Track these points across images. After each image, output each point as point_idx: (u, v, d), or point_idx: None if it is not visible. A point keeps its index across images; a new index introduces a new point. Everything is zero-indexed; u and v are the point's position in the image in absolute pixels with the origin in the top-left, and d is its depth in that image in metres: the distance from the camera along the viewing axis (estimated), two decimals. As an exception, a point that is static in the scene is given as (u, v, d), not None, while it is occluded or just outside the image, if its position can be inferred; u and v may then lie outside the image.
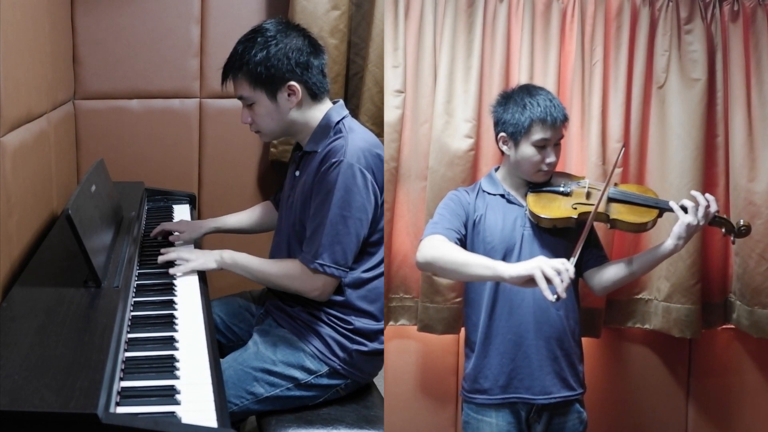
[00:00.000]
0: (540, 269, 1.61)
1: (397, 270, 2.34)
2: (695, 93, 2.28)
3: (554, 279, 1.60)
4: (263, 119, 2.00)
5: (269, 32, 1.95)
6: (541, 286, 1.60)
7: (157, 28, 2.83)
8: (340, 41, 2.77)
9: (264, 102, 1.96)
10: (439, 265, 1.81)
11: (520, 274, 1.64)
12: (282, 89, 1.94)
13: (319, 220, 1.90)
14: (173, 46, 2.85)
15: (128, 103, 2.86)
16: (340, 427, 1.91)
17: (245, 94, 1.97)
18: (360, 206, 1.90)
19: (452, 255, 1.79)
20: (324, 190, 1.89)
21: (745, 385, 2.47)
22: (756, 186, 2.26)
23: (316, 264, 1.90)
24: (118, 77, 2.83)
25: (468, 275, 1.78)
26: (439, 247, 1.82)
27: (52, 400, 1.20)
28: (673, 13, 2.29)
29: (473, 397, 1.98)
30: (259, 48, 1.93)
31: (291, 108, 1.96)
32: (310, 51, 1.97)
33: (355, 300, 1.98)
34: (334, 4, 2.72)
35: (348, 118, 2.01)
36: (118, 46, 2.81)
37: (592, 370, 2.29)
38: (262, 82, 1.94)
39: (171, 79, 2.87)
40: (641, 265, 1.93)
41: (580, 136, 2.29)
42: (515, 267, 1.67)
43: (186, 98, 2.90)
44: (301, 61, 1.94)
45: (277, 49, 1.92)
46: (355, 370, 1.99)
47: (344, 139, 1.92)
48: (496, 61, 2.28)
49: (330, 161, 1.89)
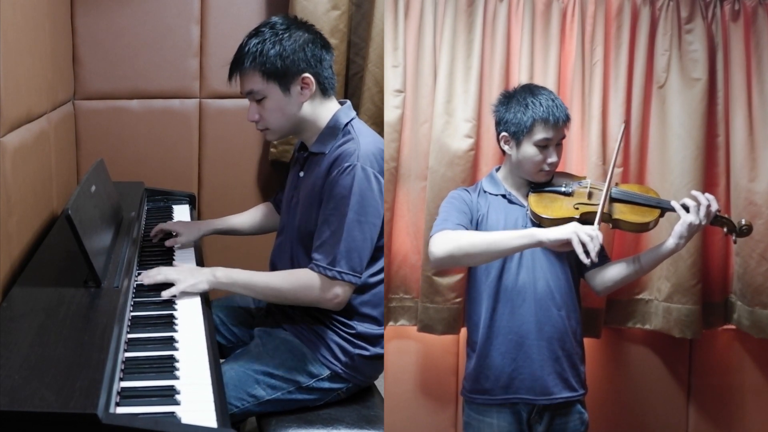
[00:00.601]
0: (576, 234, 1.72)
1: (397, 270, 2.34)
2: (696, 93, 2.27)
3: (588, 244, 1.71)
4: (273, 114, 1.95)
5: (279, 26, 1.93)
6: (578, 250, 1.72)
7: (157, 28, 2.83)
8: (340, 41, 2.77)
9: (276, 96, 1.92)
10: (464, 252, 1.80)
11: (558, 238, 1.74)
12: (296, 82, 1.91)
13: (335, 227, 1.85)
14: (173, 46, 2.85)
15: (128, 104, 2.87)
16: (341, 427, 1.91)
17: (256, 87, 1.92)
18: (374, 211, 1.88)
19: (480, 237, 1.82)
20: (338, 196, 1.85)
21: (745, 386, 2.47)
22: (757, 186, 2.26)
23: (335, 272, 1.85)
24: (118, 77, 2.83)
25: (503, 250, 1.80)
26: (458, 237, 1.82)
27: (51, 400, 1.20)
28: (673, 13, 2.28)
29: (474, 398, 1.97)
30: (272, 41, 1.89)
31: (303, 102, 1.93)
32: (322, 45, 1.95)
33: (358, 305, 1.97)
34: (333, 4, 2.72)
35: (356, 120, 1.99)
36: (118, 46, 2.81)
37: (592, 370, 2.29)
38: (276, 75, 1.89)
39: (171, 79, 2.87)
40: (642, 265, 1.93)
41: (580, 136, 2.29)
42: (553, 231, 1.75)
43: (186, 98, 2.90)
44: (315, 53, 1.92)
45: (291, 41, 1.90)
46: (356, 374, 1.99)
47: (355, 143, 1.89)
48: (496, 61, 2.28)
49: (343, 165, 1.86)
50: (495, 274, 1.93)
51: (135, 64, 2.84)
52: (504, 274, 1.93)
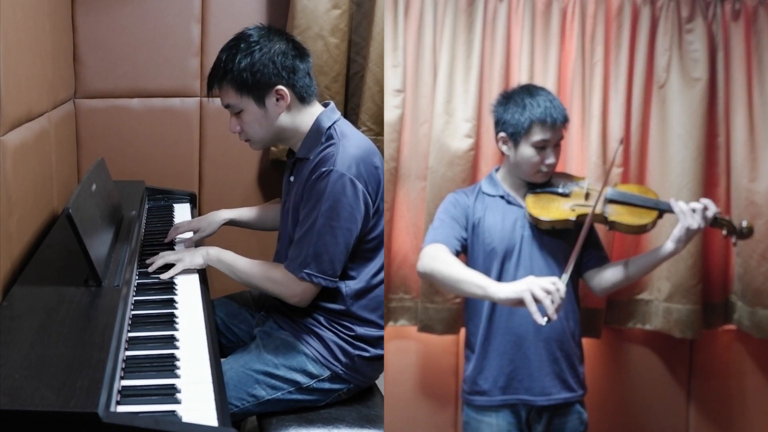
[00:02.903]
0: (530, 291, 1.60)
1: (397, 270, 2.34)
2: (696, 92, 2.27)
3: (544, 301, 1.58)
4: (252, 127, 1.96)
5: (252, 38, 1.93)
6: (531, 309, 1.58)
7: (158, 27, 2.83)
8: (341, 40, 2.77)
9: (252, 109, 1.93)
10: (436, 278, 1.82)
11: (509, 297, 1.63)
12: (270, 94, 1.91)
13: (306, 229, 1.89)
14: (174, 45, 2.85)
15: (129, 102, 2.87)
16: (341, 426, 1.91)
17: (232, 101, 1.94)
18: (348, 216, 1.88)
19: (448, 270, 1.79)
20: (313, 199, 1.88)
21: (746, 386, 2.47)
22: (757, 186, 2.26)
23: (303, 273, 1.89)
24: (119, 76, 2.83)
25: (462, 292, 1.79)
26: (438, 258, 1.83)
27: (52, 399, 1.20)
28: (674, 13, 2.28)
29: (473, 399, 1.98)
30: (243, 54, 1.90)
31: (280, 113, 1.93)
32: (295, 54, 1.94)
33: (357, 310, 1.98)
34: (334, 3, 2.72)
35: (341, 122, 1.98)
36: (118, 44, 2.81)
37: (592, 370, 2.29)
38: (248, 88, 1.90)
39: (172, 77, 2.87)
40: (641, 267, 1.93)
41: (580, 136, 2.29)
42: (505, 288, 1.66)
43: (186, 97, 2.90)
44: (286, 64, 1.91)
45: (261, 54, 1.89)
46: (357, 375, 1.99)
47: (335, 147, 1.90)
48: (496, 61, 2.28)
49: (320, 170, 1.87)
50: (494, 276, 1.93)
51: (136, 63, 2.84)
52: (502, 275, 1.93)
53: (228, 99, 1.95)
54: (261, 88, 1.91)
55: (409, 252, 2.33)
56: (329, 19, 2.72)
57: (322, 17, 2.71)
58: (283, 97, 1.92)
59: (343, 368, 1.96)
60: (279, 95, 1.92)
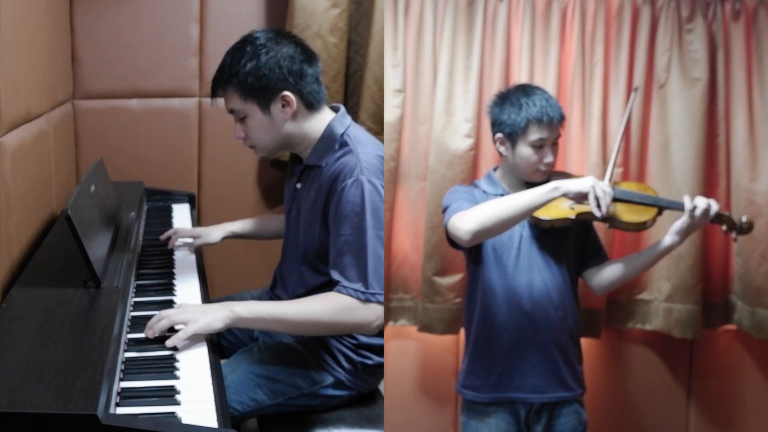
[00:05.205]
0: (593, 188, 1.79)
1: (397, 270, 2.34)
2: (696, 92, 2.27)
3: (601, 199, 1.79)
4: (257, 133, 1.87)
5: (259, 41, 1.83)
6: (591, 204, 1.80)
7: (157, 27, 2.83)
8: (340, 39, 2.77)
9: (257, 115, 1.84)
10: (496, 218, 1.79)
11: (579, 191, 1.79)
12: (275, 100, 1.83)
13: (357, 247, 1.75)
14: (172, 45, 2.85)
15: (127, 103, 2.86)
16: (341, 426, 1.90)
17: (236, 107, 1.85)
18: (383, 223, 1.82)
19: (506, 201, 1.81)
20: (352, 214, 1.76)
21: (746, 386, 2.47)
22: (757, 186, 2.26)
23: (368, 294, 1.74)
24: (118, 77, 2.83)
25: (532, 207, 1.79)
26: (485, 208, 1.81)
27: (51, 400, 1.20)
28: (674, 13, 2.28)
29: (465, 393, 1.97)
30: (249, 57, 1.81)
31: (286, 120, 1.85)
32: (303, 59, 1.85)
33: None
34: (333, 2, 2.72)
35: (352, 127, 1.92)
36: (117, 45, 2.81)
37: (592, 370, 2.29)
38: (253, 94, 1.82)
39: (170, 78, 2.87)
40: (640, 263, 1.93)
41: (580, 136, 2.29)
42: (574, 183, 1.80)
43: (185, 97, 2.90)
44: (294, 69, 1.82)
45: (267, 58, 1.80)
46: (360, 382, 1.96)
47: (355, 155, 1.82)
48: (496, 61, 2.28)
49: (347, 182, 1.77)
50: (493, 275, 1.93)
51: (134, 64, 2.83)
52: (502, 275, 1.93)
53: (232, 104, 1.86)
54: (266, 94, 1.82)
55: (409, 252, 2.33)
56: (328, 18, 2.72)
57: (321, 16, 2.70)
58: (289, 104, 1.83)
59: (346, 375, 1.93)
60: (285, 101, 1.83)
